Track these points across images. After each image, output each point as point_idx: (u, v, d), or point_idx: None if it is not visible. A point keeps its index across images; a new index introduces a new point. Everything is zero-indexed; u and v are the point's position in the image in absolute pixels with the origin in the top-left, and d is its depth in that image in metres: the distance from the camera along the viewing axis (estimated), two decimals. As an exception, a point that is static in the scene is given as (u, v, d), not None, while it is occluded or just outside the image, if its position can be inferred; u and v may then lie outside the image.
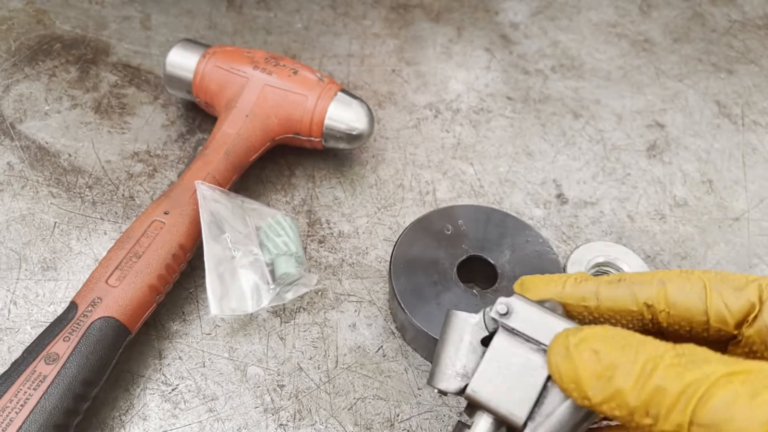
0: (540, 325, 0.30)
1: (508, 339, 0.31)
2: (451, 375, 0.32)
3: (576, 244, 0.53)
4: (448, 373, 0.32)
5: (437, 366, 0.33)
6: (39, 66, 0.62)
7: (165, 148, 0.57)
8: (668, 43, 0.72)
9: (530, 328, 0.30)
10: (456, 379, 0.32)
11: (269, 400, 0.43)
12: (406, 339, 0.46)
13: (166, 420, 0.41)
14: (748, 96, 0.67)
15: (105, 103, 0.60)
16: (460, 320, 0.33)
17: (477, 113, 0.63)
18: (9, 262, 0.48)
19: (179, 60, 0.55)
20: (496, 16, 0.73)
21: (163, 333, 0.45)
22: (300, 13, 0.71)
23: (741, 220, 0.56)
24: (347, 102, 0.53)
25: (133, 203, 0.53)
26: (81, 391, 0.38)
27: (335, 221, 0.53)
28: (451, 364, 0.32)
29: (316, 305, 0.48)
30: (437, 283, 0.46)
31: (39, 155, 0.55)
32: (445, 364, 0.32)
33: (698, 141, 0.62)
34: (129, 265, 0.42)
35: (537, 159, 0.59)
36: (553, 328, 0.30)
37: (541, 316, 0.30)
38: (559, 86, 0.66)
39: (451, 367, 0.32)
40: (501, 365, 0.31)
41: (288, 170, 0.56)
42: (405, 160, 0.58)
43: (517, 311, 0.31)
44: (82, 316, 0.40)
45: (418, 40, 0.70)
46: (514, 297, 0.32)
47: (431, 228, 0.49)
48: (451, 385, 0.32)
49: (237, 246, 0.46)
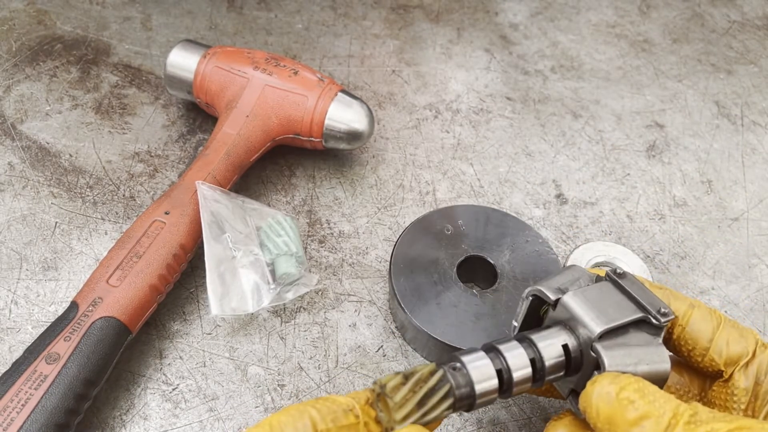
0: (644, 295, 0.35)
1: (611, 288, 0.36)
2: (555, 289, 0.36)
3: (575, 244, 0.53)
4: (554, 287, 0.36)
5: (545, 281, 0.36)
6: (40, 66, 0.62)
7: (165, 148, 0.57)
8: (667, 43, 0.72)
9: (638, 291, 0.35)
10: (557, 292, 0.35)
11: (270, 400, 0.43)
12: (406, 339, 0.46)
13: (166, 419, 0.42)
14: (748, 96, 0.67)
15: (106, 104, 0.60)
16: (577, 269, 0.37)
17: (477, 114, 0.63)
18: (10, 262, 0.48)
19: (180, 60, 0.55)
20: (496, 16, 0.74)
21: (163, 333, 0.46)
22: (300, 13, 0.71)
23: (740, 220, 0.56)
24: (347, 102, 0.53)
25: (134, 203, 0.53)
26: (82, 390, 0.38)
27: (335, 221, 0.53)
28: (557, 283, 0.36)
29: (317, 305, 0.48)
30: (437, 283, 0.46)
31: (40, 155, 0.55)
32: (553, 281, 0.36)
33: (697, 141, 0.62)
34: (130, 265, 0.42)
35: (537, 159, 0.59)
36: (656, 303, 0.35)
37: (647, 292, 0.35)
38: (559, 87, 0.66)
39: (557, 284, 0.36)
40: (600, 296, 0.35)
41: (288, 170, 0.56)
42: (405, 161, 0.58)
43: (629, 278, 0.36)
44: (83, 316, 0.40)
45: (418, 41, 0.70)
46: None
47: (431, 228, 0.49)
48: (552, 294, 0.35)
49: (237, 246, 0.46)
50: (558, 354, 0.34)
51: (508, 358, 0.33)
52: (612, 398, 0.30)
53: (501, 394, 0.33)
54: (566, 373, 0.34)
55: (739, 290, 0.51)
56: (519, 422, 0.43)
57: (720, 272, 0.52)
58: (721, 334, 0.35)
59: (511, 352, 0.33)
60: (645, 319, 0.34)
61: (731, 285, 0.52)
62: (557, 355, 0.34)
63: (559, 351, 0.34)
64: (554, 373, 0.34)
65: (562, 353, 0.34)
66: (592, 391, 0.31)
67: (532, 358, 0.33)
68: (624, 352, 0.32)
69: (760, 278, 0.52)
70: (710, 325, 0.35)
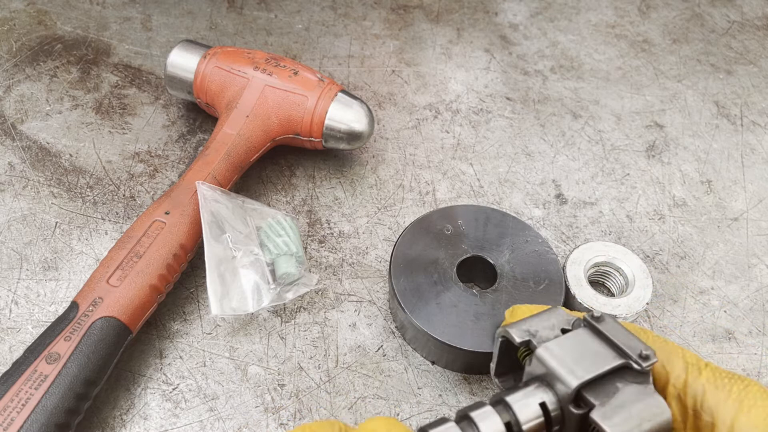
0: (624, 338, 0.33)
1: (588, 335, 0.34)
2: (524, 331, 0.35)
3: (575, 244, 0.53)
4: (523, 329, 0.35)
5: (517, 324, 0.35)
6: (40, 66, 0.63)
7: (166, 148, 0.57)
8: (667, 43, 0.73)
9: (617, 335, 0.33)
10: (526, 334, 0.35)
11: (270, 400, 0.43)
12: (406, 338, 0.46)
13: (167, 419, 0.42)
14: (747, 96, 0.67)
15: (106, 104, 0.60)
16: (556, 313, 0.36)
17: (476, 114, 0.63)
18: (10, 262, 0.48)
19: (180, 61, 0.55)
20: (496, 17, 0.74)
21: (164, 332, 0.46)
22: (300, 14, 0.71)
23: (740, 220, 0.56)
24: (347, 102, 0.53)
25: (134, 203, 0.53)
26: (82, 390, 0.38)
27: (335, 221, 0.53)
28: (528, 326, 0.35)
29: (317, 305, 0.48)
30: (437, 283, 0.46)
31: (40, 155, 0.55)
32: (525, 323, 0.35)
33: (697, 141, 0.62)
34: (130, 265, 0.43)
35: (536, 159, 0.59)
36: (636, 346, 0.32)
37: (627, 335, 0.33)
38: (559, 87, 0.66)
39: (527, 327, 0.35)
40: (576, 345, 0.33)
41: (288, 170, 0.57)
42: (405, 161, 0.58)
43: (607, 321, 0.34)
44: (83, 316, 0.40)
45: (418, 41, 0.70)
46: (608, 315, 0.35)
47: (431, 228, 0.49)
48: (518, 337, 0.34)
49: (237, 246, 0.46)
50: (535, 415, 0.31)
51: (481, 428, 0.31)
52: None
53: None
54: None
55: (739, 290, 0.51)
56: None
57: (719, 272, 0.53)
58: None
59: (484, 422, 0.31)
60: (627, 365, 0.32)
61: (731, 285, 0.52)
62: (535, 416, 0.31)
63: (537, 411, 0.32)
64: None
65: (540, 413, 0.32)
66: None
67: (507, 422, 0.31)
68: (623, 416, 0.30)
69: (760, 278, 0.52)
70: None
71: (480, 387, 0.45)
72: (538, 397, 0.32)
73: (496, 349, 0.37)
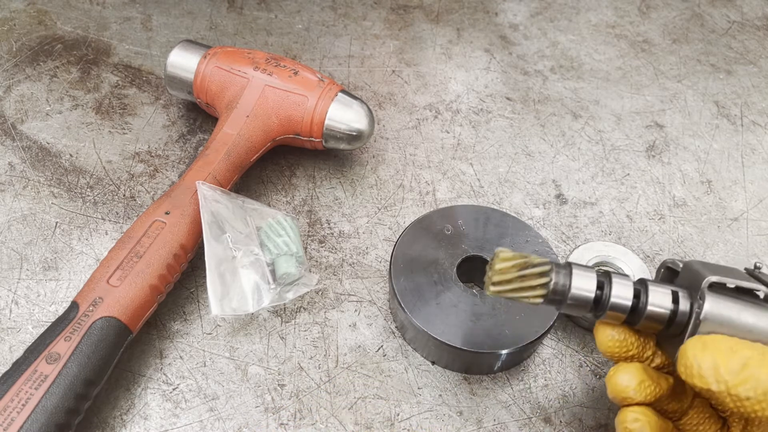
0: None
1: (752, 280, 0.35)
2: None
3: (575, 244, 0.53)
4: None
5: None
6: (40, 66, 0.63)
7: (166, 148, 0.57)
8: (667, 43, 0.73)
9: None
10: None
11: (270, 400, 0.43)
12: (406, 338, 0.46)
13: (167, 419, 0.42)
14: (747, 96, 0.67)
15: (106, 104, 0.60)
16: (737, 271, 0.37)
17: (477, 114, 0.63)
18: (10, 262, 0.48)
19: (180, 61, 0.55)
20: (496, 17, 0.74)
21: (164, 333, 0.46)
22: (300, 14, 0.71)
23: (740, 220, 0.56)
24: (348, 102, 0.53)
25: (134, 203, 0.53)
26: (82, 390, 0.38)
27: (335, 221, 0.53)
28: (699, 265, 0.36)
29: (317, 305, 0.48)
30: (437, 283, 0.46)
31: (40, 155, 0.55)
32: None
33: (697, 141, 0.62)
34: (130, 265, 0.43)
35: (536, 159, 0.59)
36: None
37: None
38: (559, 87, 0.66)
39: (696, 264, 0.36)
40: (729, 270, 0.35)
41: (288, 170, 0.57)
42: (405, 161, 0.58)
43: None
44: (83, 316, 0.40)
45: (418, 41, 0.70)
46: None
47: (431, 228, 0.49)
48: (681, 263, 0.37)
49: (238, 246, 0.46)
50: (663, 302, 0.34)
51: (614, 284, 0.34)
52: (707, 346, 0.31)
53: (594, 312, 0.35)
54: (667, 328, 0.34)
55: (739, 290, 0.51)
56: (519, 422, 0.43)
57: (719, 272, 0.53)
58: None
59: (619, 281, 0.35)
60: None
61: (731, 285, 0.52)
62: (662, 303, 0.34)
63: (666, 301, 0.34)
64: (653, 319, 0.34)
65: (669, 305, 0.34)
66: (687, 347, 0.31)
67: (637, 294, 0.34)
68: (730, 304, 0.32)
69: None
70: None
71: (480, 387, 0.45)
72: (672, 294, 0.34)
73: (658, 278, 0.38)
